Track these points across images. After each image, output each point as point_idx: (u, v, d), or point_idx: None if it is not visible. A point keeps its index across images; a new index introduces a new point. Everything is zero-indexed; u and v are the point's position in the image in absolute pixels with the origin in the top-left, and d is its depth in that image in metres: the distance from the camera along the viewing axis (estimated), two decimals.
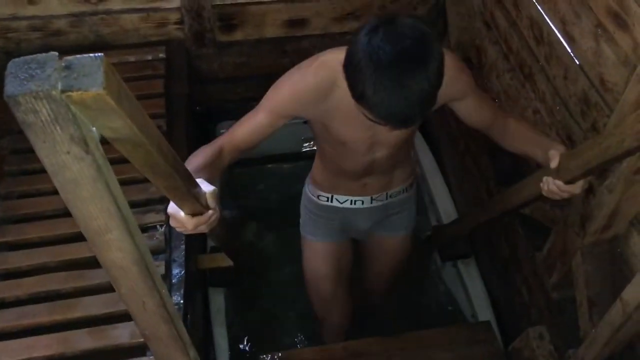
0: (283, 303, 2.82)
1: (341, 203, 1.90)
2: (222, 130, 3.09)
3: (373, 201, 1.89)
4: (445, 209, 2.81)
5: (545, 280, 1.99)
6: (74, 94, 0.65)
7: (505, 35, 2.37)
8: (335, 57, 1.36)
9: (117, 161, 0.88)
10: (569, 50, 1.92)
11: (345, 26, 2.84)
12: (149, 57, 2.56)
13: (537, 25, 2.11)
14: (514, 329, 2.28)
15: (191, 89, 2.63)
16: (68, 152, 0.70)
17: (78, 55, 0.69)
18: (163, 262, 1.88)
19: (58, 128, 0.67)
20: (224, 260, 2.21)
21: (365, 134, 1.54)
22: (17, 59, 0.65)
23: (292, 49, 2.83)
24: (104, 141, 0.80)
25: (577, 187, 1.41)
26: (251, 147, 1.50)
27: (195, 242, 2.13)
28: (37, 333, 1.76)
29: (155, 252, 1.91)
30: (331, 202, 1.91)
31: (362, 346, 2.05)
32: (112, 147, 0.80)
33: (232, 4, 2.64)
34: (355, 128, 1.50)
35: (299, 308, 2.84)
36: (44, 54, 0.67)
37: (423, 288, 2.87)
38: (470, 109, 1.59)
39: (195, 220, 1.19)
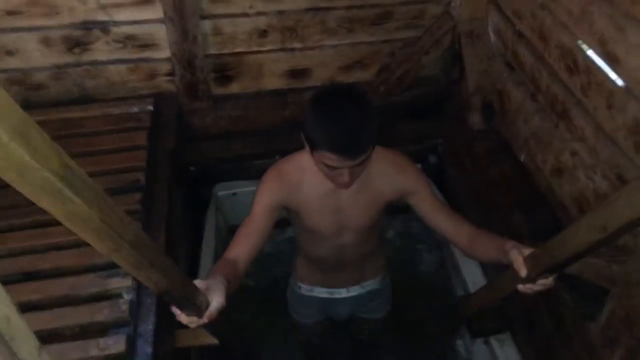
0: None
1: (320, 293, 2.13)
2: (219, 193, 2.81)
3: (349, 291, 2.12)
4: (472, 275, 2.45)
5: (606, 358, 1.57)
6: None
7: (532, 73, 2.09)
8: (301, 156, 1.67)
9: None
10: (612, 74, 1.62)
11: (352, 76, 2.60)
12: (135, 110, 2.32)
13: (569, 53, 1.82)
14: None
15: (180, 143, 2.36)
16: None
17: None
18: (124, 337, 1.52)
19: None
20: (207, 337, 1.84)
21: (332, 218, 1.76)
22: None
23: (294, 101, 2.58)
24: None
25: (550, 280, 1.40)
26: (257, 249, 1.63)
27: (169, 311, 1.77)
28: None
29: (115, 325, 1.57)
30: (311, 292, 2.14)
31: None
32: None
33: (226, 54, 2.42)
34: (322, 215, 1.75)
35: None
36: None
37: None
38: (426, 208, 1.74)
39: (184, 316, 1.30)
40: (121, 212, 0.85)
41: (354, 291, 2.12)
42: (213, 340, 1.87)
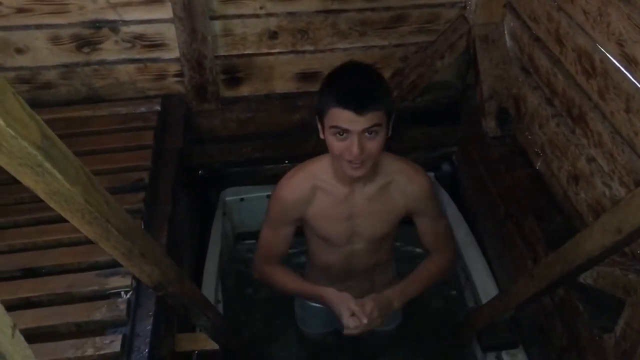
0: None
1: None
2: (226, 198, 2.77)
3: None
4: (485, 287, 2.35)
5: None
6: None
7: (548, 77, 2.03)
8: (313, 165, 1.72)
9: None
10: (630, 76, 1.56)
11: None
12: (142, 109, 2.29)
13: (586, 55, 1.77)
14: None
15: (187, 145, 2.33)
16: None
17: None
18: (120, 337, 1.48)
19: None
20: (207, 342, 1.79)
21: (344, 224, 1.76)
22: None
23: (305, 104, 2.54)
24: None
25: None
26: (285, 253, 1.89)
27: (169, 313, 1.73)
28: None
29: (112, 325, 1.52)
30: (319, 303, 1.99)
31: None
32: None
33: (236, 55, 2.40)
34: (334, 221, 1.75)
35: None
36: None
37: None
38: (424, 228, 1.85)
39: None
40: (108, 195, 0.81)
41: None
42: (213, 345, 1.82)
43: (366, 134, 1.47)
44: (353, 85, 1.47)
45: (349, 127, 1.45)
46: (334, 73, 1.56)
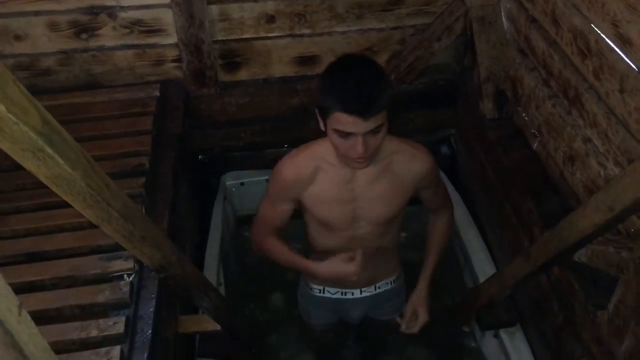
0: None
1: (332, 294, 2.04)
2: (227, 182, 2.79)
3: (362, 292, 2.02)
4: (483, 267, 2.39)
5: (614, 348, 1.52)
6: None
7: (544, 58, 2.04)
8: (316, 145, 1.70)
9: None
10: (624, 57, 1.57)
11: None
12: (141, 95, 2.31)
13: (581, 36, 1.78)
14: None
15: (186, 130, 2.35)
16: None
17: None
18: (123, 319, 1.51)
19: None
20: (209, 323, 1.83)
21: (347, 207, 1.74)
22: None
23: (303, 88, 2.55)
24: None
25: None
26: (283, 227, 1.84)
27: (172, 296, 1.76)
28: None
29: (115, 307, 1.55)
30: (323, 293, 2.05)
31: None
32: None
33: (234, 40, 2.41)
34: (337, 204, 1.73)
35: None
36: None
37: None
38: (429, 197, 1.87)
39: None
40: (108, 178, 0.83)
41: (368, 292, 2.02)
42: (215, 327, 1.85)
43: (371, 133, 1.48)
44: (357, 89, 1.42)
45: (354, 131, 1.45)
46: (334, 71, 1.50)
